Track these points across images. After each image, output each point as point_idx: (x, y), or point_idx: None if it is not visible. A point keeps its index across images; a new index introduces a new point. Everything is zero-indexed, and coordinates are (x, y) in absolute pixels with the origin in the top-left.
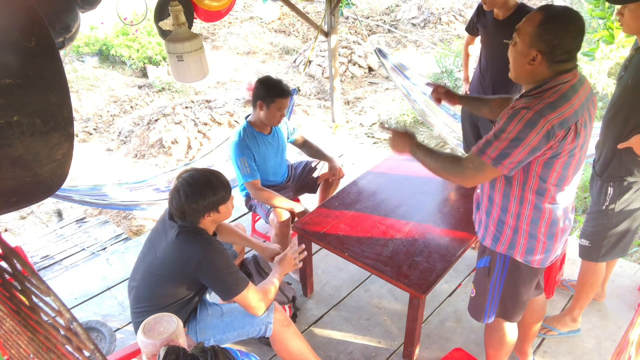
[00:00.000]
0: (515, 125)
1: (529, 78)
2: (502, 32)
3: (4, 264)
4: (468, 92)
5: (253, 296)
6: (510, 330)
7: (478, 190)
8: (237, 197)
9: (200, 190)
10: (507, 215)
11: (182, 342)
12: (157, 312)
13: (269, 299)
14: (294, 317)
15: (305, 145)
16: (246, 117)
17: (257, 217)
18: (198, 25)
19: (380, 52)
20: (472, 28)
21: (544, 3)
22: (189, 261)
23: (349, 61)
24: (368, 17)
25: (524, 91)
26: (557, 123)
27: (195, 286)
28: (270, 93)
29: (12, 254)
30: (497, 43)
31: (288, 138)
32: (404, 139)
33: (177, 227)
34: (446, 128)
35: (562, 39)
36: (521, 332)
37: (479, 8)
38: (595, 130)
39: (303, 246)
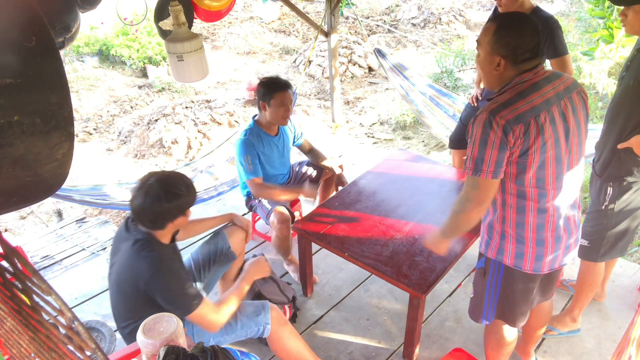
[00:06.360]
0: (477, 130)
1: (499, 83)
2: None
3: (5, 264)
4: (480, 95)
5: (207, 313)
6: (509, 333)
7: None
8: (238, 197)
9: (177, 190)
10: (494, 219)
11: (182, 342)
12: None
13: (225, 313)
14: (294, 317)
15: (310, 152)
16: (254, 117)
17: (257, 217)
18: (198, 25)
19: (379, 53)
20: None
21: (542, 4)
22: (139, 279)
23: (349, 61)
24: (368, 17)
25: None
26: (511, 119)
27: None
28: (269, 90)
29: (13, 253)
30: None
31: (294, 142)
32: (440, 241)
33: (132, 239)
34: (443, 128)
35: (519, 40)
36: (525, 334)
37: (495, 10)
38: (595, 132)
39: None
